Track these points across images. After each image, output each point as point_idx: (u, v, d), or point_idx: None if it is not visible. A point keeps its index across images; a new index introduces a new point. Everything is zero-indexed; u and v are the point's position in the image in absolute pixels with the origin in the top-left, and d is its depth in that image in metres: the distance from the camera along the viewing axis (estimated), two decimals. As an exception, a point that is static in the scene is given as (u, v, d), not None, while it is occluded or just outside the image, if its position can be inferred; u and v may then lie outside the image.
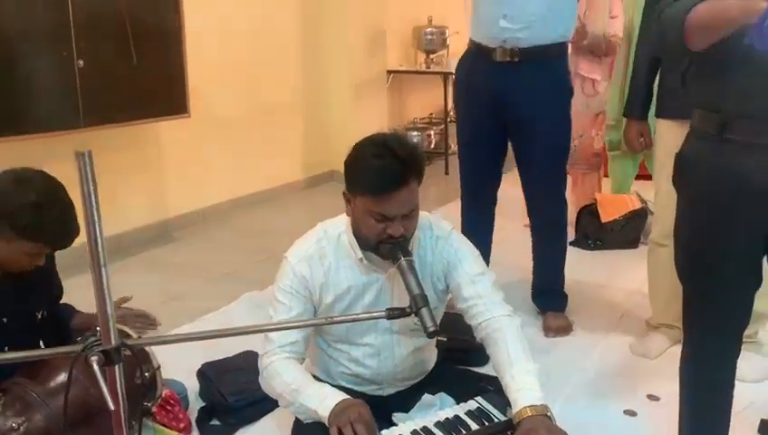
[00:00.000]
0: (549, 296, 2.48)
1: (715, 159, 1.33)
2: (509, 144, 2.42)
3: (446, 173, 5.10)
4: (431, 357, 1.75)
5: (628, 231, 3.28)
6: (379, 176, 1.43)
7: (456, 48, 5.69)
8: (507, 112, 2.28)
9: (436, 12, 5.18)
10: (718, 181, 1.33)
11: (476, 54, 2.30)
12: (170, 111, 3.27)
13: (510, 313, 1.55)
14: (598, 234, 3.25)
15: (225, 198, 4.09)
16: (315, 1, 4.51)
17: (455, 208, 3.95)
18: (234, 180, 4.11)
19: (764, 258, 1.40)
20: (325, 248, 1.58)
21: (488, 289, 1.56)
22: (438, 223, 1.64)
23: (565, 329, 2.43)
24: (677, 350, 1.57)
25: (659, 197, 2.20)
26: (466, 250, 1.61)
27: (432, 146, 5.33)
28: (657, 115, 2.13)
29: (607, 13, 3.18)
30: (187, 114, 3.33)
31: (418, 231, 1.56)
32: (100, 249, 0.82)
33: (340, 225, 1.60)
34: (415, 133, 5.27)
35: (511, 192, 2.63)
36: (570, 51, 2.75)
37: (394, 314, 1.10)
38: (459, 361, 2.00)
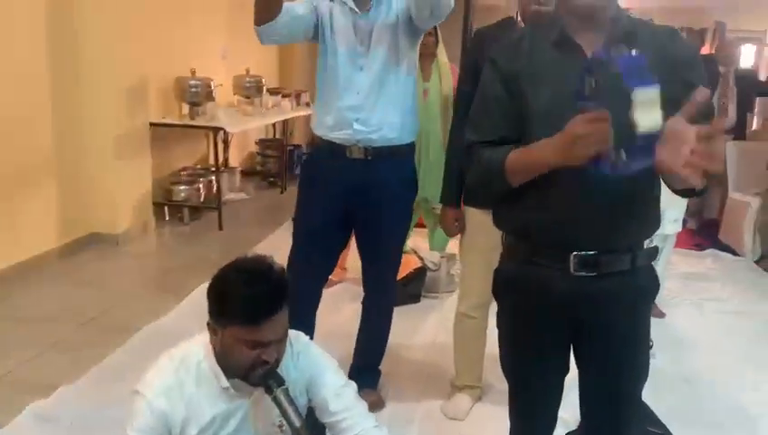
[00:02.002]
0: (367, 374, 2.55)
1: (525, 276, 1.46)
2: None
3: (220, 229, 4.98)
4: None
5: (411, 288, 3.56)
6: (254, 305, 1.39)
7: (222, 99, 5.63)
8: (357, 205, 2.36)
9: (199, 64, 5.06)
10: (528, 294, 1.47)
11: (328, 150, 2.33)
12: None
13: (377, 423, 1.60)
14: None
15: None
16: (69, 50, 4.09)
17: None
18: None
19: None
20: (184, 378, 1.48)
21: (353, 401, 1.59)
22: (296, 337, 1.64)
23: (378, 405, 2.53)
24: (481, 407, 1.69)
25: (466, 274, 2.44)
26: (327, 362, 1.63)
27: (202, 199, 5.16)
28: (465, 202, 2.35)
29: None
30: None
31: (281, 349, 1.54)
32: None
33: (197, 351, 1.51)
34: (182, 188, 5.07)
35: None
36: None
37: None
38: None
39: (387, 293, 2.56)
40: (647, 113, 1.12)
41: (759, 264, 4.62)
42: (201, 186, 5.16)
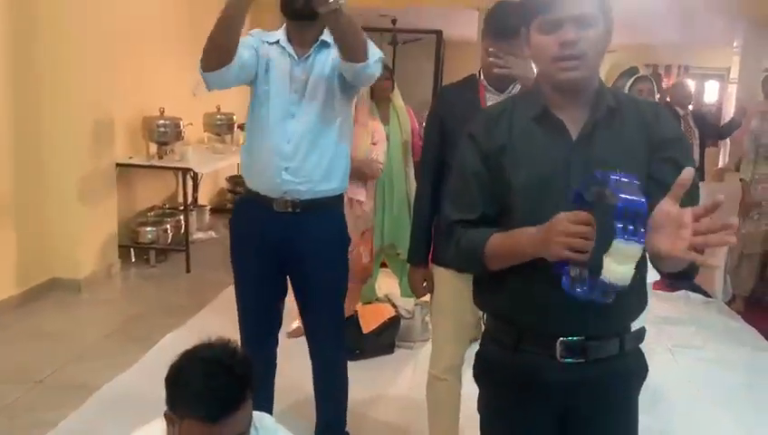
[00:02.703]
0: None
1: (510, 362, 1.40)
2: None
3: (188, 271, 4.84)
4: None
5: (385, 338, 3.48)
6: (212, 401, 1.29)
7: (192, 136, 5.53)
8: (288, 259, 2.28)
9: (168, 103, 4.96)
10: (513, 381, 1.41)
11: (255, 203, 2.25)
12: None
13: None
14: (358, 344, 3.38)
15: None
16: (31, 87, 3.97)
17: (202, 320, 3.81)
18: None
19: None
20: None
21: None
22: (260, 419, 1.54)
23: None
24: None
25: (437, 336, 2.36)
26: None
27: (169, 241, 5.02)
28: (434, 262, 2.30)
29: (369, 140, 3.40)
30: None
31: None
32: None
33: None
34: (149, 229, 4.93)
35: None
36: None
37: None
38: None
39: (333, 348, 2.44)
40: (620, 265, 1.09)
41: (730, 305, 4.63)
42: (169, 226, 5.02)
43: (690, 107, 5.27)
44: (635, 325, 1.41)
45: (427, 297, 2.41)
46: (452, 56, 9.16)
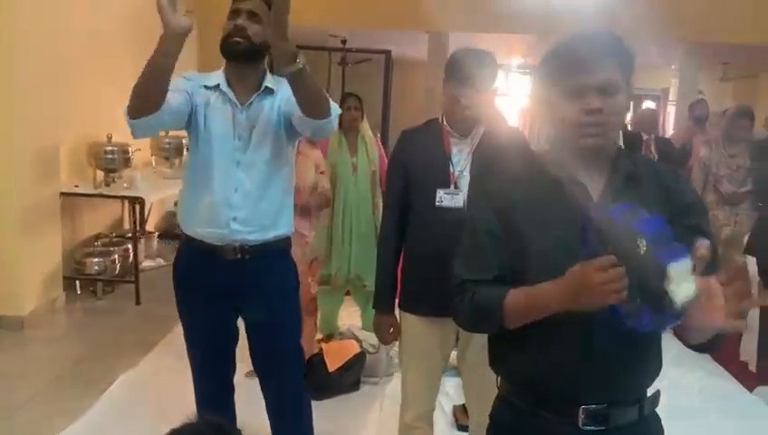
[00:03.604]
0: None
1: (527, 429, 1.37)
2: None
3: (138, 303, 4.65)
4: None
5: (350, 375, 3.41)
6: None
7: (139, 160, 5.34)
8: (236, 307, 2.20)
9: (115, 128, 4.76)
10: None
11: (200, 250, 2.15)
12: None
13: None
14: (325, 383, 3.30)
15: None
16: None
17: (156, 360, 3.65)
18: None
19: None
20: None
21: None
22: None
23: None
24: None
25: (407, 383, 2.29)
26: None
27: (117, 272, 4.82)
28: (401, 307, 2.24)
29: (314, 169, 3.34)
30: None
31: None
32: None
33: None
34: (96, 260, 4.73)
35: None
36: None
37: None
38: None
39: (294, 394, 2.34)
40: (682, 285, 1.11)
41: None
42: (116, 256, 4.83)
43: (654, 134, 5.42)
44: (650, 389, 1.41)
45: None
46: (401, 76, 9.21)
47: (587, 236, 1.19)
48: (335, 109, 2.00)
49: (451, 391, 3.24)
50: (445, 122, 2.15)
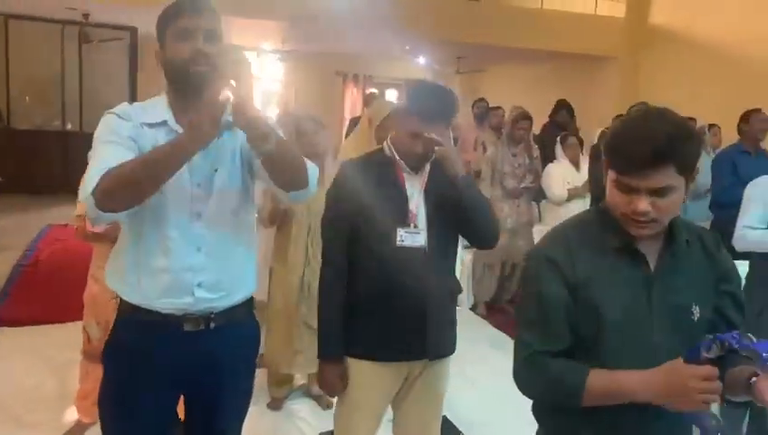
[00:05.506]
0: None
1: None
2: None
3: None
4: None
5: None
6: None
7: None
8: (184, 386, 1.76)
9: None
10: None
11: (150, 325, 1.66)
12: None
13: None
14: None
15: None
16: None
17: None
18: None
19: None
20: None
21: None
22: None
23: None
24: None
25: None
26: None
27: None
28: (350, 354, 2.01)
29: None
30: None
31: None
32: None
33: None
34: None
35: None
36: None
37: None
38: None
39: None
40: None
41: (474, 311, 5.18)
42: None
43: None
44: None
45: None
46: (151, 57, 8.29)
47: (699, 349, 1.25)
48: (312, 169, 1.68)
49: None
50: (396, 156, 2.00)
